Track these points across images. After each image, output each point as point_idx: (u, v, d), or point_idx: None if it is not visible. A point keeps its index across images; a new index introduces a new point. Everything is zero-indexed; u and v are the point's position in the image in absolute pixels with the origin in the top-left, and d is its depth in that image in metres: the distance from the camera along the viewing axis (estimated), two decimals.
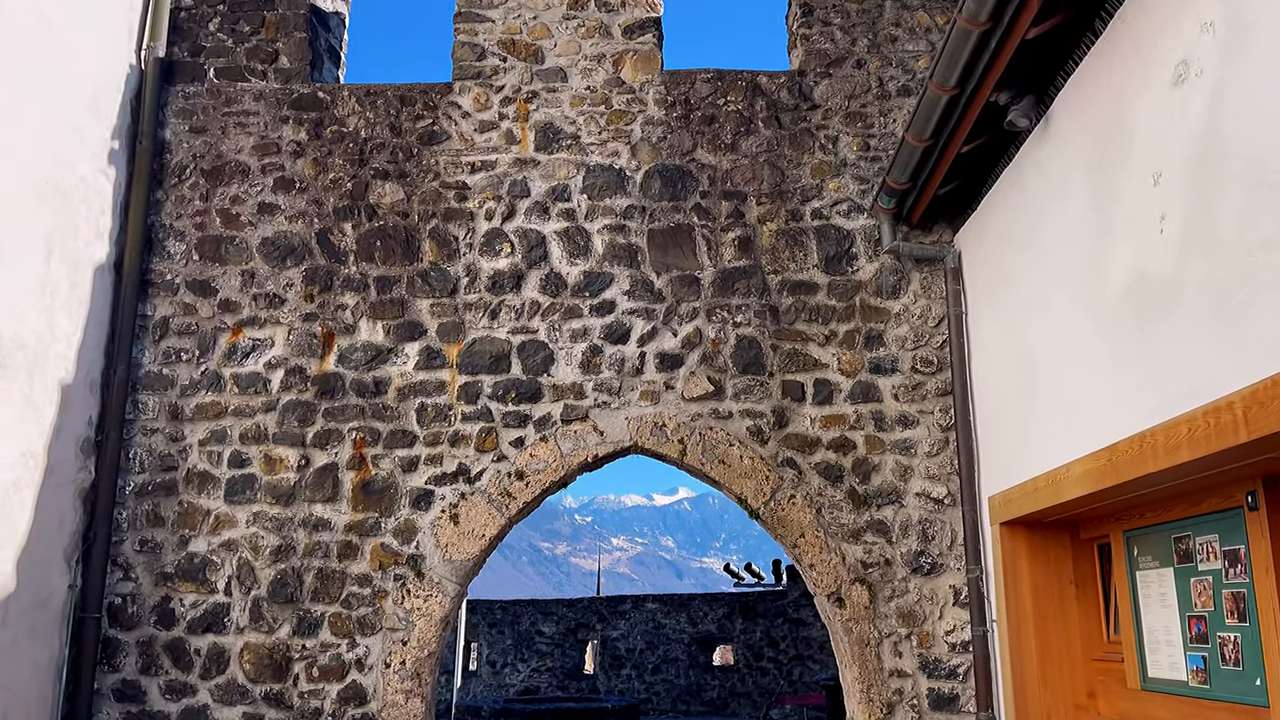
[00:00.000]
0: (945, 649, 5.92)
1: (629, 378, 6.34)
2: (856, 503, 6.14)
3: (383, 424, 6.31)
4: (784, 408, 6.28)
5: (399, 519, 6.18)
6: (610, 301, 6.45)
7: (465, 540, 6.16)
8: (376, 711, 5.92)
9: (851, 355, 6.33)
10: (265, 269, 6.55)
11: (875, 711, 5.85)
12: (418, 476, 6.24)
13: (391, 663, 5.97)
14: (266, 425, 6.31)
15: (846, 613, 6.00)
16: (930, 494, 6.12)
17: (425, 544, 6.15)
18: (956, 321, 6.21)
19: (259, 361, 6.41)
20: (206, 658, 5.99)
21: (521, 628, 21.21)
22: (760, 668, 19.89)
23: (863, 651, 5.94)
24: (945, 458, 6.17)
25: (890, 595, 6.01)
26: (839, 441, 6.23)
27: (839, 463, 6.20)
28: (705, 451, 6.22)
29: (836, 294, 6.43)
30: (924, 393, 6.26)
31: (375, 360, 6.40)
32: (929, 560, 6.03)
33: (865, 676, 5.90)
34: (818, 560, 6.09)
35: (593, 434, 6.28)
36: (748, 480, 6.19)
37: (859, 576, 6.04)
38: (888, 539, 6.08)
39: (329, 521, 6.18)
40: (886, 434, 6.23)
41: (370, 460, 6.26)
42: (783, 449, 6.23)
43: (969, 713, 5.81)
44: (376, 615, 6.04)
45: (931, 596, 5.99)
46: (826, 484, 6.17)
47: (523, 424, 6.29)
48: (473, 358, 6.39)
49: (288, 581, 6.08)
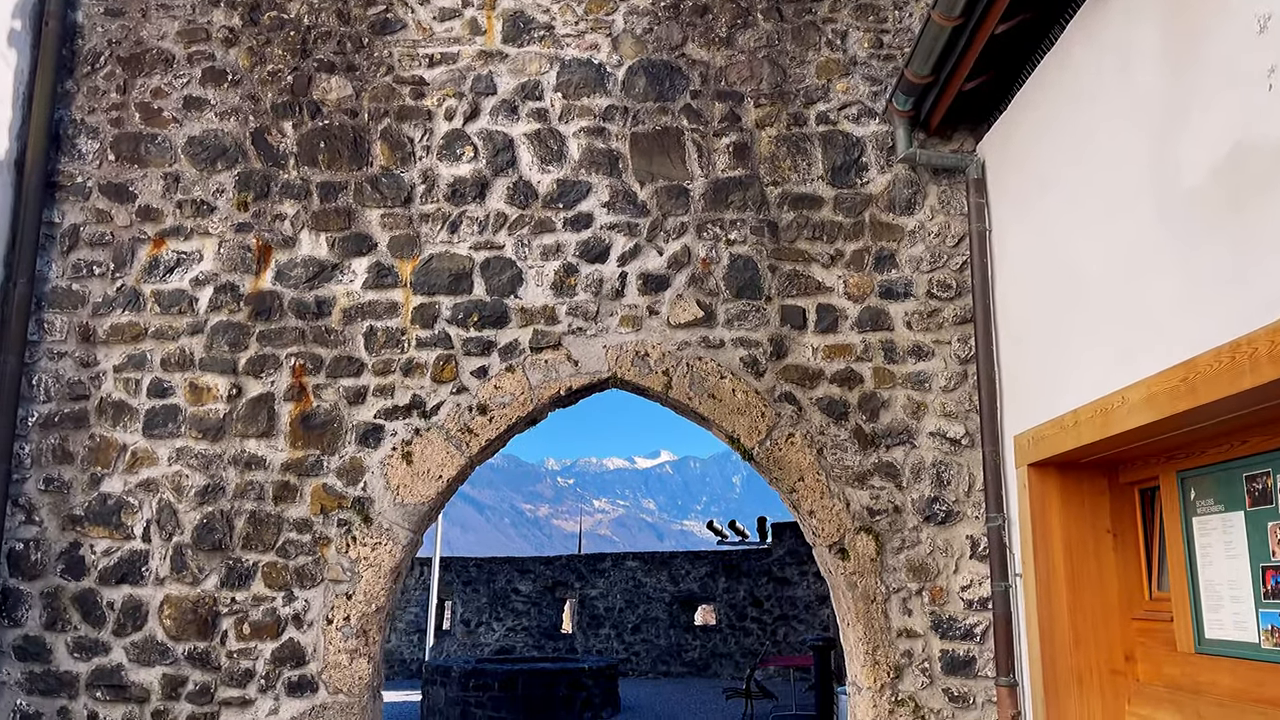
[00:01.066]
0: (961, 606, 5.26)
1: (608, 301, 5.58)
2: (863, 443, 5.44)
3: (326, 350, 5.54)
4: (783, 336, 5.55)
5: (344, 457, 5.43)
6: (587, 214, 5.67)
7: (419, 482, 5.42)
8: (316, 673, 5.21)
9: (859, 278, 5.59)
10: (192, 172, 5.72)
11: (881, 675, 5.20)
12: (366, 409, 5.49)
13: (334, 619, 5.26)
14: (192, 350, 5.52)
15: (850, 565, 5.32)
16: (946, 433, 5.43)
17: (374, 485, 5.41)
18: (979, 239, 5.48)
19: (184, 277, 5.61)
20: (121, 612, 5.25)
21: (497, 586, 20.59)
22: (743, 628, 19.37)
23: (868, 609, 5.27)
24: (963, 393, 5.47)
25: (899, 546, 5.33)
26: (844, 374, 5.51)
27: (844, 398, 5.49)
28: (693, 384, 5.49)
29: (844, 209, 5.67)
30: (940, 320, 5.54)
31: (318, 277, 5.61)
32: (943, 507, 5.35)
33: (870, 636, 5.24)
34: (818, 506, 5.39)
35: (566, 364, 5.53)
36: (741, 417, 5.47)
37: (865, 525, 5.35)
38: (897, 483, 5.39)
39: (263, 459, 5.42)
40: (898, 366, 5.52)
41: (311, 390, 5.50)
42: (781, 382, 5.51)
43: (987, 677, 5.17)
44: (317, 565, 5.31)
45: (946, 548, 5.32)
46: (829, 422, 5.46)
47: (486, 352, 5.53)
48: (429, 276, 5.61)
49: (215, 527, 5.33)
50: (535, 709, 12.88)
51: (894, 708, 5.15)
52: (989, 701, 5.14)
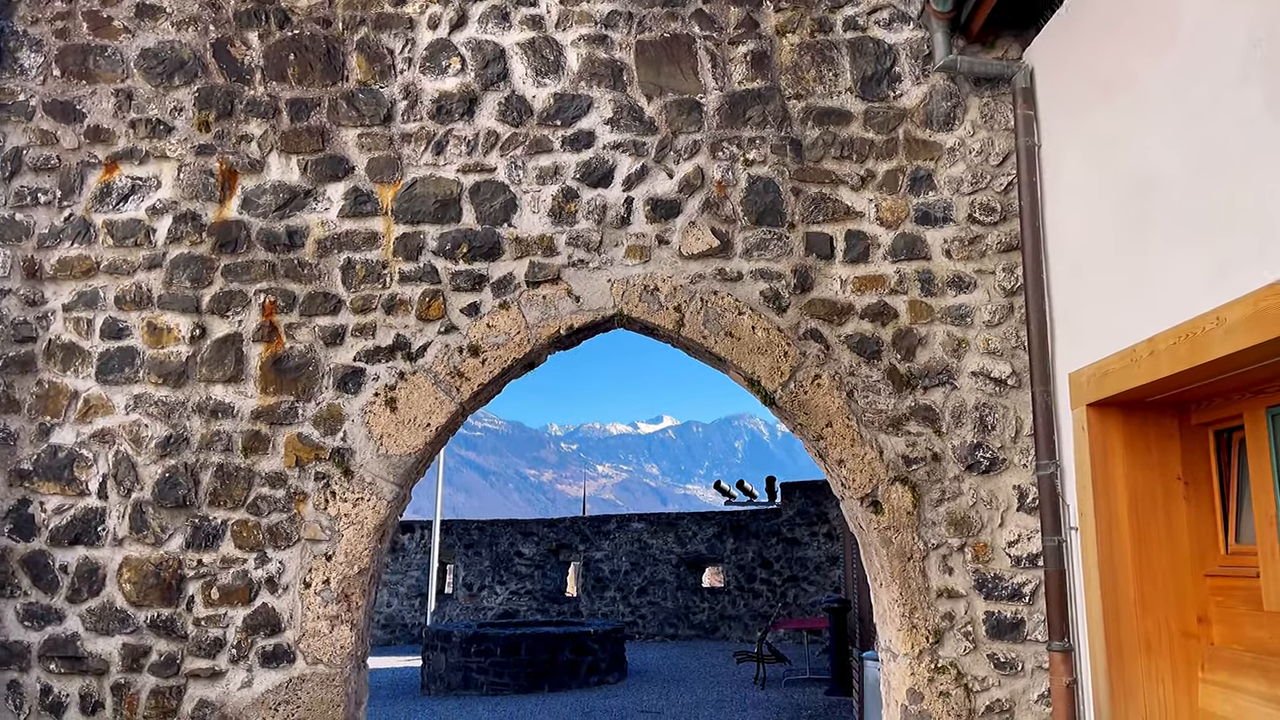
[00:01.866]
0: (1007, 564, 4.74)
1: (612, 229, 5.01)
2: (898, 384, 4.89)
3: (299, 285, 4.98)
4: (807, 267, 4.98)
5: (321, 404, 4.89)
6: (588, 133, 5.07)
7: (405, 431, 4.88)
8: (293, 642, 4.71)
9: (893, 201, 5.01)
10: (147, 89, 5.12)
11: (920, 640, 4.69)
12: (344, 351, 4.94)
13: (312, 582, 4.75)
14: (150, 286, 4.96)
15: (884, 519, 4.79)
16: (990, 373, 4.87)
17: (354, 435, 4.87)
18: (1027, 156, 4.88)
19: (140, 206, 5.03)
20: (76, 576, 4.74)
21: (500, 549, 20.16)
22: (752, 590, 18.95)
23: (904, 567, 4.75)
24: (1009, 328, 4.90)
25: (939, 498, 4.80)
26: (876, 309, 4.94)
27: (876, 335, 4.93)
28: (708, 321, 4.93)
29: (875, 124, 5.07)
30: (984, 248, 4.97)
31: (289, 205, 5.04)
32: (988, 454, 4.81)
33: (907, 597, 4.72)
34: (849, 455, 4.85)
35: (566, 299, 4.97)
36: (761, 357, 4.92)
37: (900, 475, 4.82)
38: (936, 429, 4.85)
39: (231, 407, 4.88)
40: (936, 299, 4.95)
41: (284, 330, 4.94)
42: (806, 318, 4.95)
43: (1037, 641, 4.66)
44: (293, 523, 4.80)
45: (990, 499, 4.78)
46: (860, 361, 4.91)
47: (477, 286, 4.97)
48: (413, 203, 5.03)
49: (179, 481, 4.81)
50: (539, 674, 12.49)
51: (933, 675, 4.65)
52: (1039, 668, 4.64)
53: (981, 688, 4.64)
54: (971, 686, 4.64)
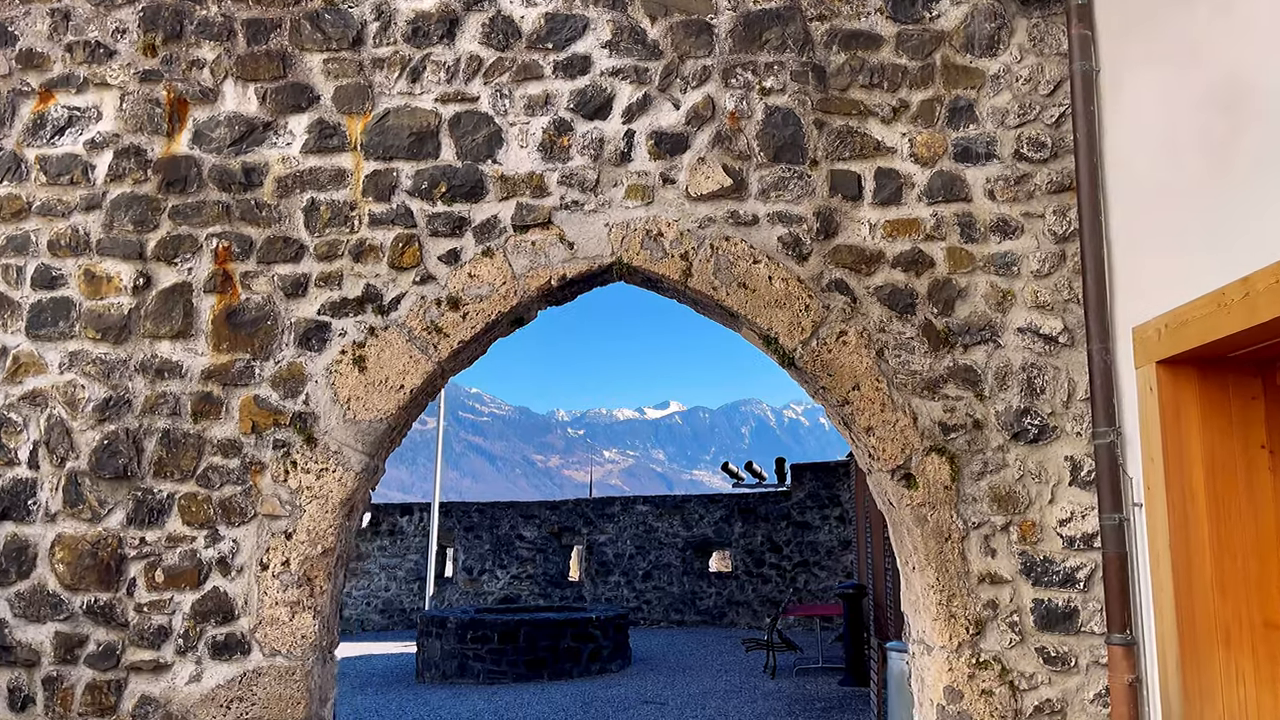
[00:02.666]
0: (1058, 545, 4.17)
1: (610, 167, 4.43)
2: (934, 342, 4.31)
3: (257, 229, 4.41)
4: (832, 210, 4.39)
5: (281, 363, 4.33)
6: (583, 57, 4.49)
7: (375, 393, 4.32)
8: (248, 631, 4.16)
9: (929, 135, 4.42)
10: (86, 7, 4.55)
11: (959, 631, 4.12)
12: (308, 303, 4.38)
13: (270, 563, 4.20)
14: (88, 229, 4.40)
15: (918, 495, 4.22)
16: (1039, 329, 4.29)
17: (318, 398, 4.31)
18: (1083, 83, 4.27)
19: (78, 140, 4.47)
20: (3, 556, 4.22)
21: (501, 532, 19.64)
22: (761, 575, 18.40)
23: (941, 549, 4.18)
24: (1061, 278, 4.32)
25: (980, 471, 4.23)
26: (910, 257, 4.36)
27: (910, 286, 4.35)
28: (719, 271, 4.35)
29: (908, 49, 4.47)
30: (1032, 188, 4.38)
31: (246, 139, 4.47)
32: (1036, 421, 4.24)
33: (944, 583, 4.16)
34: (878, 422, 4.28)
35: (558, 246, 4.39)
36: (779, 311, 4.34)
37: (937, 444, 4.24)
38: (977, 392, 4.27)
39: (180, 366, 4.33)
40: (977, 246, 4.37)
41: (239, 279, 4.38)
42: (830, 267, 4.37)
43: (1094, 633, 4.09)
44: (248, 497, 4.25)
45: (1039, 472, 4.21)
46: (892, 316, 4.33)
47: (458, 231, 4.40)
48: (385, 136, 4.45)
49: (120, 450, 4.26)
50: (539, 662, 11.99)
51: (974, 671, 4.09)
52: (1096, 664, 4.07)
53: (1029, 686, 4.08)
54: (1018, 684, 4.08)
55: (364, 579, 19.61)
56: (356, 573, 19.58)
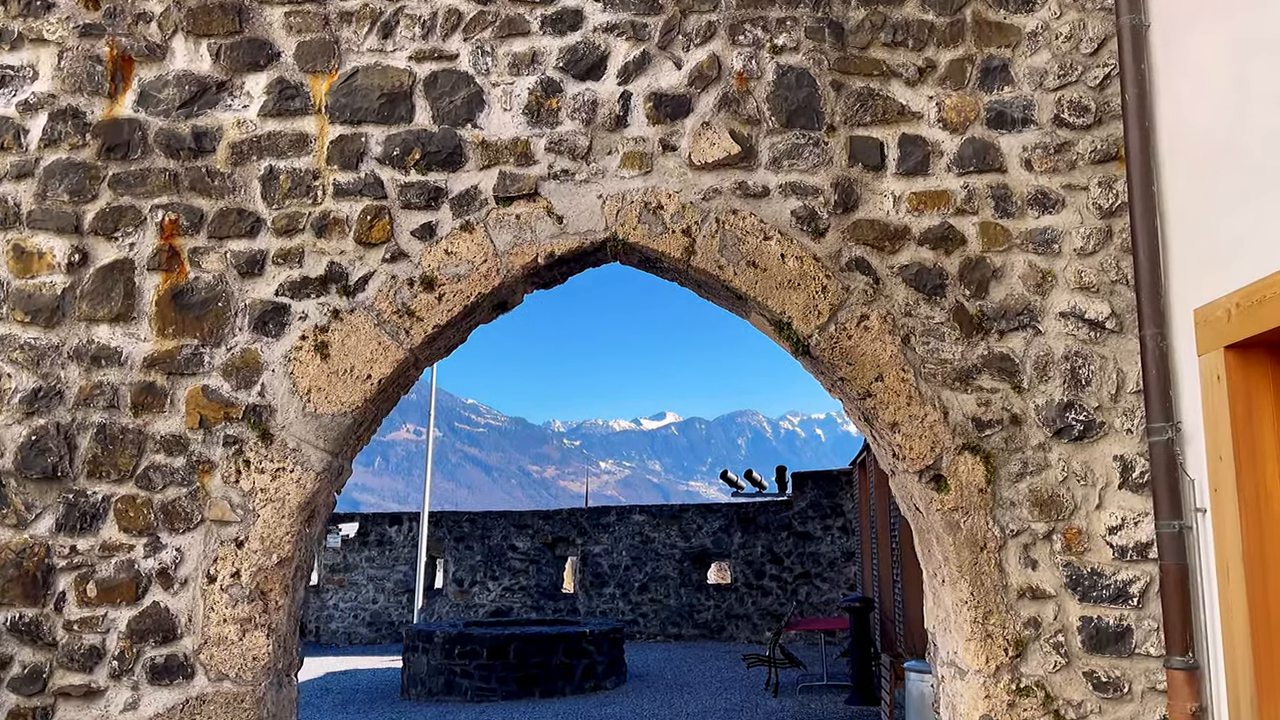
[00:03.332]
0: (1108, 555, 3.70)
1: (604, 133, 3.97)
2: (966, 328, 3.85)
3: (208, 200, 3.95)
4: (851, 180, 3.94)
5: (233, 349, 3.86)
6: (574, 11, 4.04)
7: (339, 384, 3.85)
8: (192, 652, 3.68)
9: (959, 99, 3.97)
10: None
11: (996, 653, 3.65)
12: (264, 283, 3.91)
13: (218, 575, 3.72)
14: (19, 199, 3.94)
15: (950, 499, 3.75)
16: (1083, 313, 3.83)
17: (275, 389, 3.84)
18: (1133, 38, 3.83)
19: (10, 101, 4.02)
20: None
21: (492, 542, 19.10)
22: (761, 587, 17.87)
23: (976, 559, 3.71)
24: (1108, 256, 3.86)
25: (1019, 472, 3.76)
26: (939, 233, 3.91)
27: (939, 265, 3.89)
28: (726, 248, 3.89)
29: (936, 4, 4.04)
30: (1074, 157, 3.93)
31: (197, 101, 4.01)
32: (1081, 416, 3.77)
33: (980, 598, 3.68)
34: (904, 417, 3.81)
35: (546, 220, 3.93)
36: (793, 292, 3.88)
37: (970, 442, 3.78)
38: (1015, 384, 3.81)
39: (119, 352, 3.86)
40: (1014, 221, 3.91)
41: (187, 256, 3.92)
42: (850, 244, 3.91)
43: (1149, 656, 3.61)
44: (195, 501, 3.77)
45: (1085, 473, 3.75)
46: (919, 298, 3.87)
47: (433, 203, 3.94)
48: (353, 98, 4.00)
49: (49, 447, 3.78)
50: (529, 679, 11.47)
51: (1014, 699, 3.61)
52: (1152, 690, 3.60)
53: (1077, 715, 3.60)
54: (1064, 713, 3.60)
55: (351, 590, 19.06)
56: (343, 584, 19.04)
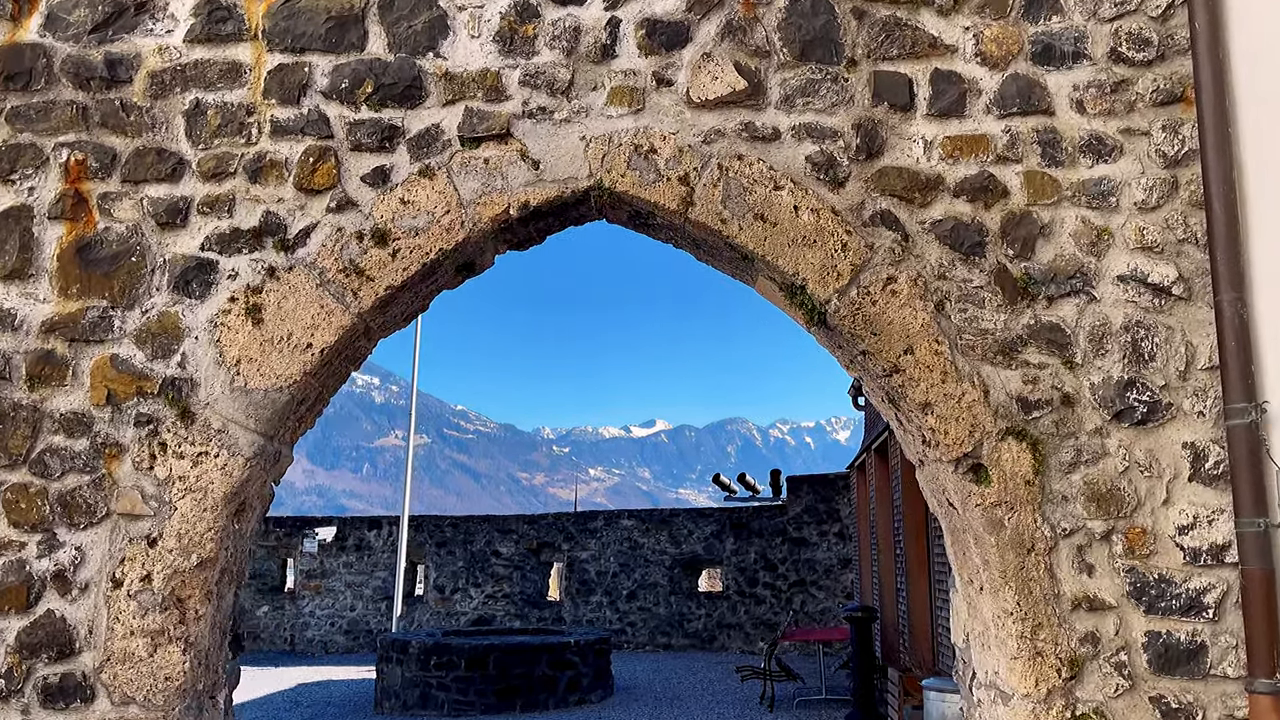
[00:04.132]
0: (1177, 559, 3.15)
1: (588, 65, 3.42)
2: (1010, 293, 3.30)
3: (123, 139, 3.38)
4: (876, 122, 3.39)
5: (149, 313, 3.29)
6: None
7: (274, 353, 3.27)
8: (93, 670, 3.09)
9: (1000, 29, 3.43)
10: None
11: (1048, 674, 3.09)
12: (188, 236, 3.34)
13: (125, 579, 3.13)
14: None
15: (991, 492, 3.19)
16: (1146, 276, 3.29)
17: (198, 360, 3.26)
18: None
19: None
20: None
21: (475, 547, 18.45)
22: (754, 595, 17.28)
23: (1022, 563, 3.15)
24: (1174, 212, 3.32)
25: (1072, 461, 3.21)
26: (977, 183, 3.36)
27: (977, 221, 3.35)
28: (730, 199, 3.34)
29: None
30: (1132, 97, 3.39)
31: (113, 23, 3.44)
32: (1144, 396, 3.23)
33: (1027, 608, 3.13)
34: (938, 396, 3.26)
35: (519, 165, 3.37)
36: (808, 251, 3.33)
37: (1015, 426, 3.23)
38: (1067, 358, 3.27)
39: (12, 315, 3.28)
40: (1063, 171, 3.37)
41: (96, 203, 3.34)
42: (874, 196, 3.36)
43: (1228, 677, 3.06)
44: (99, 491, 3.18)
45: (1149, 463, 3.20)
46: (955, 259, 3.33)
47: (387, 144, 3.38)
48: (295, 21, 3.43)
49: None
50: (510, 691, 10.84)
51: None
52: (1230, 718, 3.04)
53: None
54: None
55: (328, 597, 18.38)
56: (320, 591, 18.36)
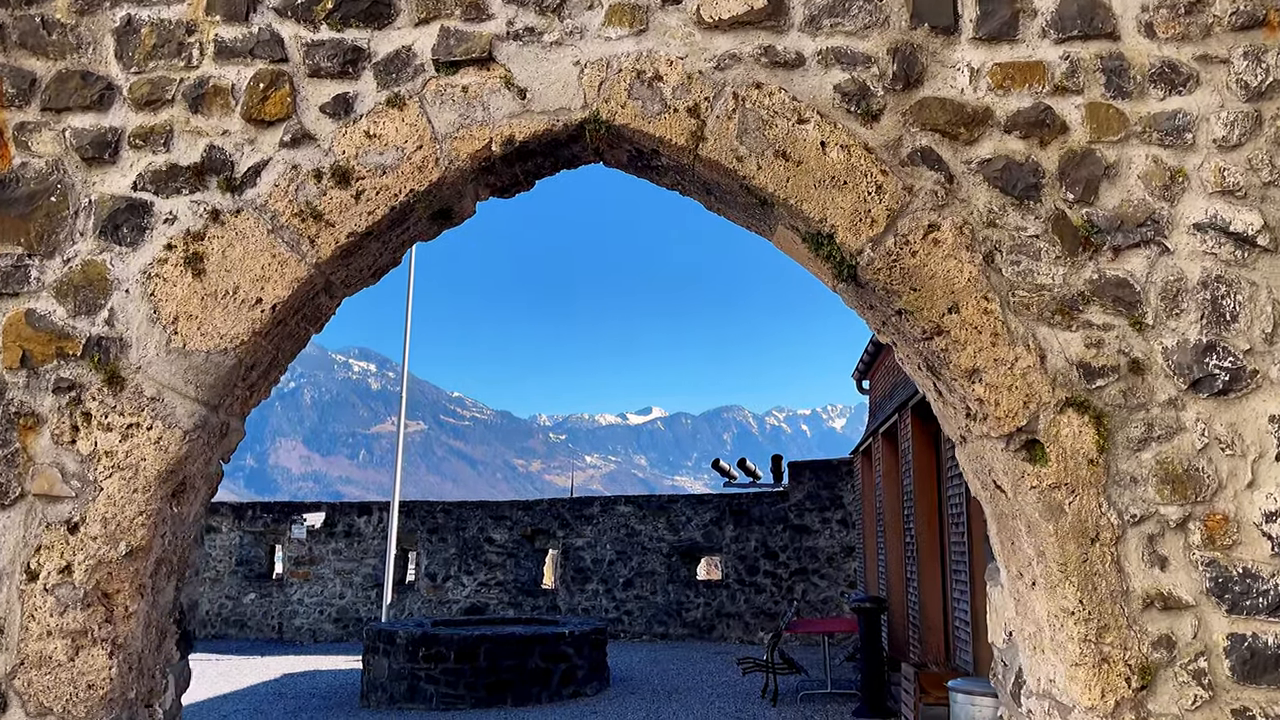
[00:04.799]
0: (1265, 551, 2.72)
1: None
2: (1070, 243, 2.86)
3: (43, 61, 2.92)
4: (915, 47, 2.94)
5: (71, 262, 2.83)
6: None
7: (218, 310, 2.82)
8: (3, 676, 2.66)
9: None
10: None
11: (1115, 683, 2.66)
12: (117, 173, 2.88)
13: (42, 571, 2.69)
14: None
15: (1049, 472, 2.76)
16: (1227, 224, 2.85)
17: (129, 317, 2.81)
18: None
19: None
20: None
21: (468, 534, 18.00)
22: (755, 584, 16.86)
23: (1085, 554, 2.72)
24: (1260, 150, 2.89)
25: (1143, 437, 2.78)
26: (1032, 117, 2.92)
27: (1032, 160, 2.90)
28: (748, 134, 2.89)
29: None
30: (1208, 20, 2.95)
31: None
32: (1226, 362, 2.79)
33: (1092, 608, 2.70)
34: (987, 361, 2.82)
35: (503, 93, 2.91)
36: (838, 193, 2.88)
37: (1076, 396, 2.79)
38: (1135, 319, 2.83)
39: None
40: (1131, 104, 2.93)
41: (13, 135, 2.89)
42: (913, 131, 2.92)
43: None
44: (12, 468, 2.74)
45: (1231, 440, 2.77)
46: (1006, 204, 2.88)
47: (351, 69, 2.92)
48: None
49: None
50: (502, 684, 10.42)
51: None
52: None
53: None
54: None
55: (317, 584, 17.94)
56: (308, 578, 17.92)
